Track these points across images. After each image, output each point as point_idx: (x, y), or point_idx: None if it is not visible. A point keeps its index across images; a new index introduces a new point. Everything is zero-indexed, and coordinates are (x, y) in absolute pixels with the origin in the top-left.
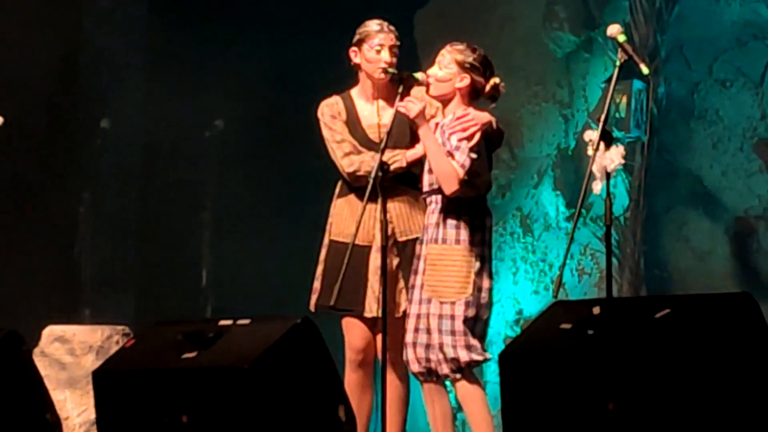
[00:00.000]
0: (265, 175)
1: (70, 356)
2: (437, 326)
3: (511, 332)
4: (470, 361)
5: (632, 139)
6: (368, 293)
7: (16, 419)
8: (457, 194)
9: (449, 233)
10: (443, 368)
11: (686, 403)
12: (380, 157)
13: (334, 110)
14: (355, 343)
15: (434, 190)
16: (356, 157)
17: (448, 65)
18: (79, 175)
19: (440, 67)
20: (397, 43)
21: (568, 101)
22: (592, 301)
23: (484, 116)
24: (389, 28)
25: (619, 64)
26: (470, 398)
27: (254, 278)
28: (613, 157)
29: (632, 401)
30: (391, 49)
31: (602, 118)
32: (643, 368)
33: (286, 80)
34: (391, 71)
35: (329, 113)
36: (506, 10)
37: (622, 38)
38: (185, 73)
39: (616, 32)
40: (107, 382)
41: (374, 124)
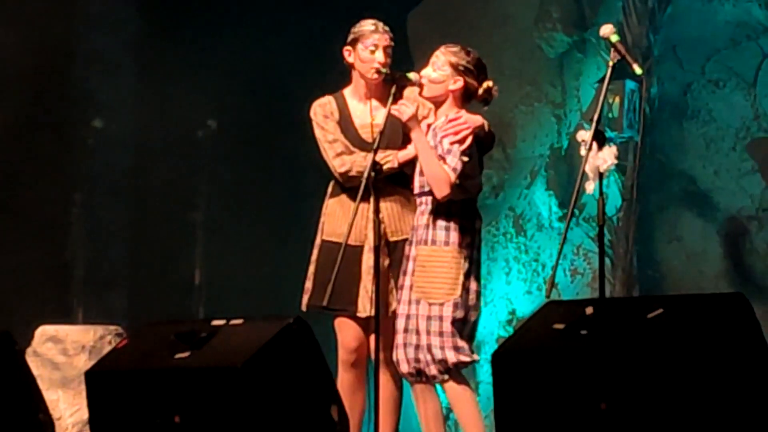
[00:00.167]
0: (257, 175)
1: (62, 356)
2: (426, 327)
3: (503, 332)
4: (458, 362)
5: (625, 139)
6: (361, 293)
7: (8, 419)
8: (448, 198)
9: (439, 235)
10: (431, 369)
11: (679, 403)
12: (373, 157)
13: (326, 110)
14: (347, 342)
15: (425, 192)
16: (348, 157)
17: (442, 67)
18: (71, 175)
19: (434, 68)
20: (391, 43)
21: (560, 101)
22: (584, 301)
23: (476, 119)
24: (384, 28)
25: (612, 64)
26: (459, 399)
27: (247, 278)
28: (605, 157)
29: (625, 401)
30: (385, 49)
31: (595, 118)
32: (635, 368)
33: (278, 80)
34: (384, 71)
35: (322, 113)
36: (499, 10)
37: (615, 38)
38: (177, 73)
39: (609, 32)
40: (100, 382)
41: (367, 123)
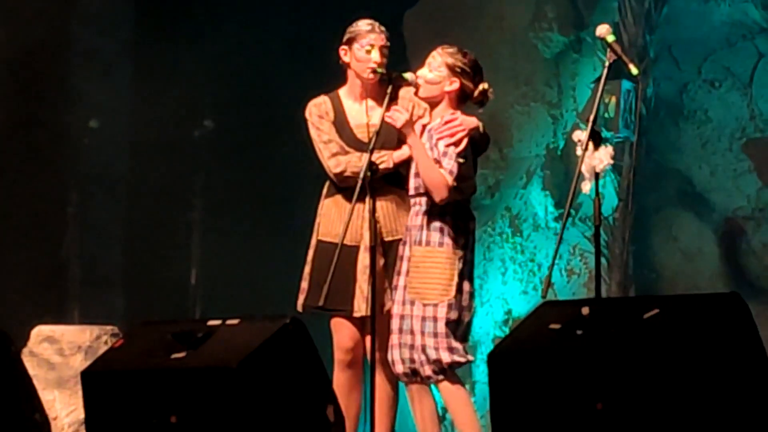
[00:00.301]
0: (253, 174)
1: (58, 356)
2: (420, 328)
3: (499, 332)
4: (452, 362)
5: (621, 139)
6: (356, 293)
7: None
8: (446, 201)
9: (433, 236)
10: (426, 370)
11: (675, 403)
12: (369, 157)
13: (321, 110)
14: (343, 343)
15: (420, 193)
16: (343, 157)
17: (438, 68)
18: (67, 174)
19: (430, 69)
20: (387, 43)
21: (557, 101)
22: (580, 301)
23: (471, 121)
24: (380, 28)
25: (608, 64)
26: (454, 399)
27: (243, 278)
28: (602, 157)
29: (621, 401)
30: (381, 49)
31: (591, 118)
32: (631, 368)
33: (275, 80)
34: (380, 71)
35: (317, 113)
36: (495, 10)
37: (611, 38)
38: (173, 73)
39: (605, 32)
40: (96, 382)
41: (362, 124)
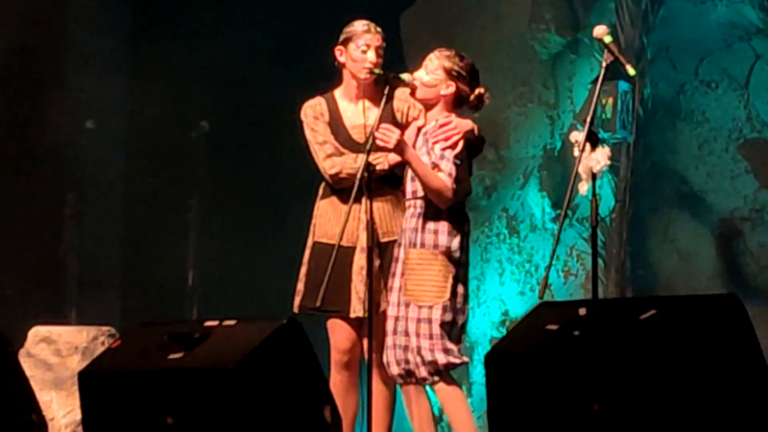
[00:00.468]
0: (250, 176)
1: (55, 357)
2: (415, 330)
3: (497, 333)
4: (448, 363)
5: (618, 140)
6: (352, 294)
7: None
8: (449, 204)
9: (427, 238)
10: (421, 371)
11: (672, 404)
12: (366, 158)
13: (316, 111)
14: (340, 344)
15: (416, 197)
16: (338, 158)
17: (435, 71)
18: (64, 175)
19: (427, 71)
20: (383, 44)
21: (554, 102)
22: (578, 302)
23: (466, 123)
24: (376, 29)
25: (605, 65)
26: (450, 400)
27: (240, 279)
28: (599, 158)
29: (618, 402)
30: (377, 49)
31: (588, 119)
32: (628, 369)
33: (272, 82)
34: (377, 72)
35: (312, 114)
36: (492, 11)
37: (608, 39)
38: (170, 74)
39: (602, 33)
40: (93, 382)
41: (358, 124)
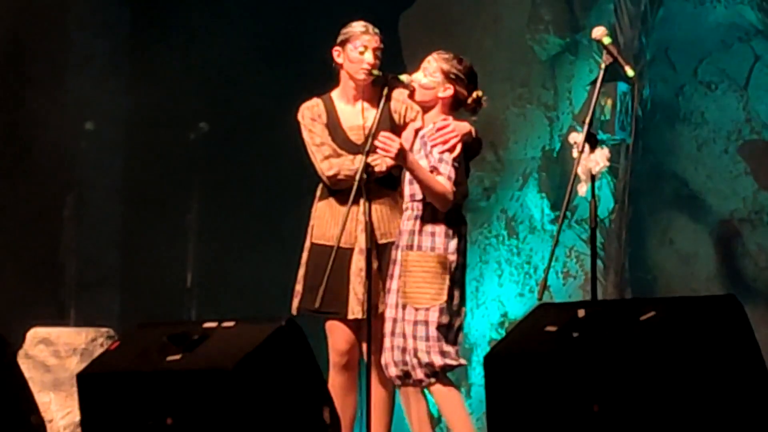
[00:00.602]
0: (248, 177)
1: (54, 358)
2: (412, 332)
3: (495, 335)
4: (444, 365)
5: (617, 141)
6: (351, 296)
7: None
8: (450, 207)
9: (425, 240)
10: (418, 373)
11: (671, 405)
12: (364, 159)
13: (314, 113)
14: (339, 345)
15: (415, 200)
16: (336, 160)
17: (433, 73)
18: (63, 177)
19: (425, 74)
20: (380, 45)
21: (553, 103)
22: (577, 303)
23: (464, 126)
24: (374, 30)
25: (604, 66)
26: (447, 402)
27: (238, 280)
28: (598, 159)
29: (617, 403)
30: (374, 51)
31: (587, 120)
32: (627, 371)
33: (271, 83)
34: (376, 74)
35: (309, 116)
36: (491, 12)
37: (607, 40)
38: (169, 76)
39: (601, 35)
40: (92, 384)
41: (355, 126)
